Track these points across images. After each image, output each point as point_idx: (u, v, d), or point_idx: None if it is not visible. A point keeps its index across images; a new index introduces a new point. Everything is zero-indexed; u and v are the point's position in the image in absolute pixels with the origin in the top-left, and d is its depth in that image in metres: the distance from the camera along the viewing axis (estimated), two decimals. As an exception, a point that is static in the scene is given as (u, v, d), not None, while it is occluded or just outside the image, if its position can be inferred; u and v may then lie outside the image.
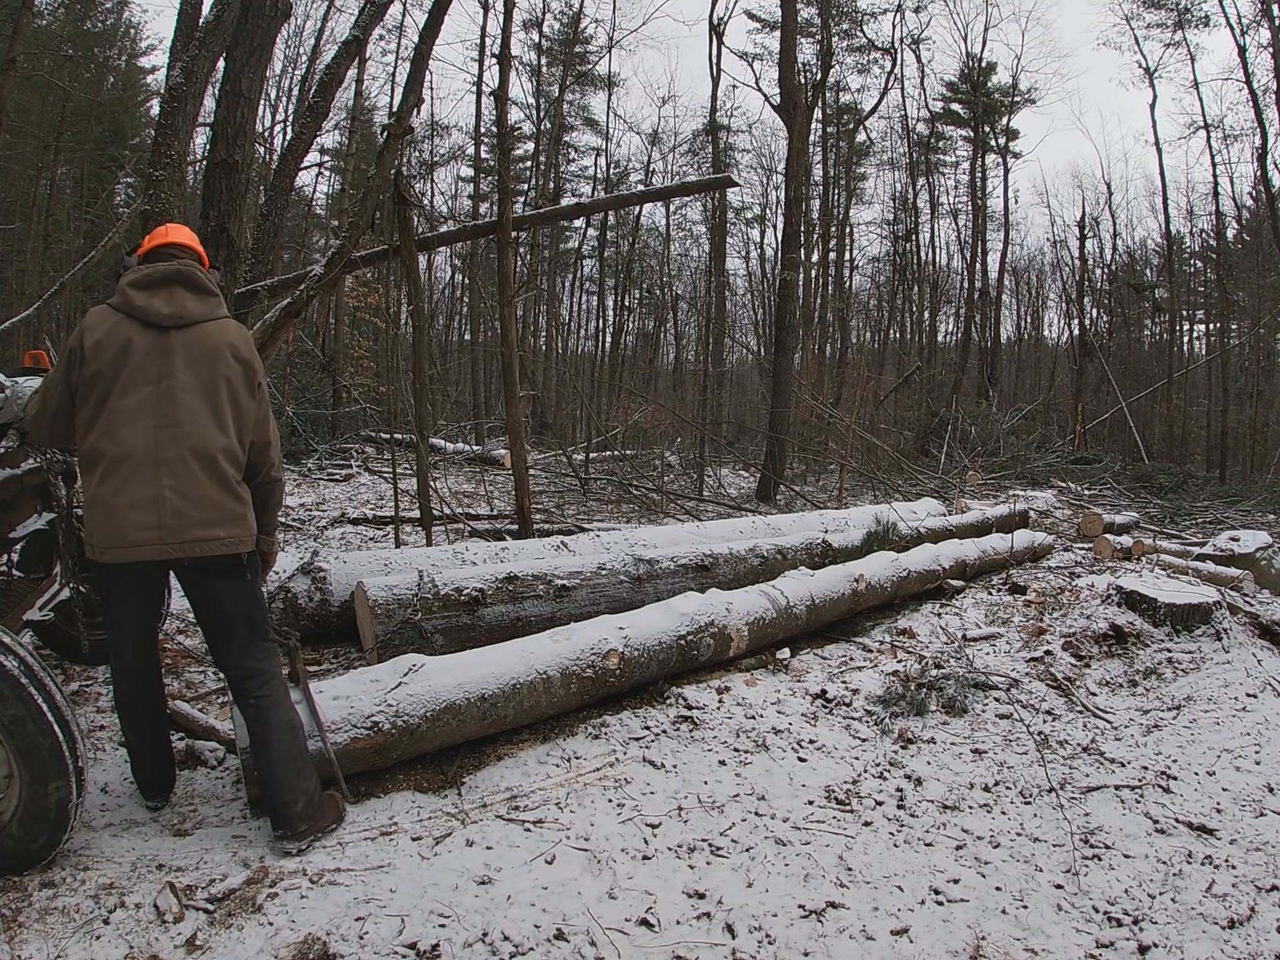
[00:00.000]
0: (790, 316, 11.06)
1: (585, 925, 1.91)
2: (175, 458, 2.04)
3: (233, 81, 4.94)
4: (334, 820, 2.26)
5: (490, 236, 6.72)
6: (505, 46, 6.06)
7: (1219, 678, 3.63)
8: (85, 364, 2.06)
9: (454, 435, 13.15)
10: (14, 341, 13.15)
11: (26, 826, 1.94)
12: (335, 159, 20.48)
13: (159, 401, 2.06)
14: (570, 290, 27.21)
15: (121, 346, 2.07)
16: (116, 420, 2.04)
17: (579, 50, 22.71)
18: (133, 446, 2.02)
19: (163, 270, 2.16)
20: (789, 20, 11.72)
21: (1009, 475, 12.26)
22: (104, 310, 2.13)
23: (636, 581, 4.06)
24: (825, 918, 2.00)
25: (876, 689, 3.47)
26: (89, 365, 2.06)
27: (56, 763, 1.94)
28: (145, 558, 2.03)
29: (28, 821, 1.94)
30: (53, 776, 1.93)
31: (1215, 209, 19.06)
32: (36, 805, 1.93)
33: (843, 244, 24.22)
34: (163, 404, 2.06)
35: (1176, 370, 19.33)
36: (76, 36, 16.02)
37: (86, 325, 2.10)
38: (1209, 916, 2.04)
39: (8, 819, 1.94)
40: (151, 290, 2.13)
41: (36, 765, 1.92)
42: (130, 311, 2.10)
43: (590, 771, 2.68)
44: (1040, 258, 27.15)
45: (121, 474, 2.01)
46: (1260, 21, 15.91)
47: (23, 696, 1.90)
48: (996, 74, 23.35)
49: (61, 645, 3.30)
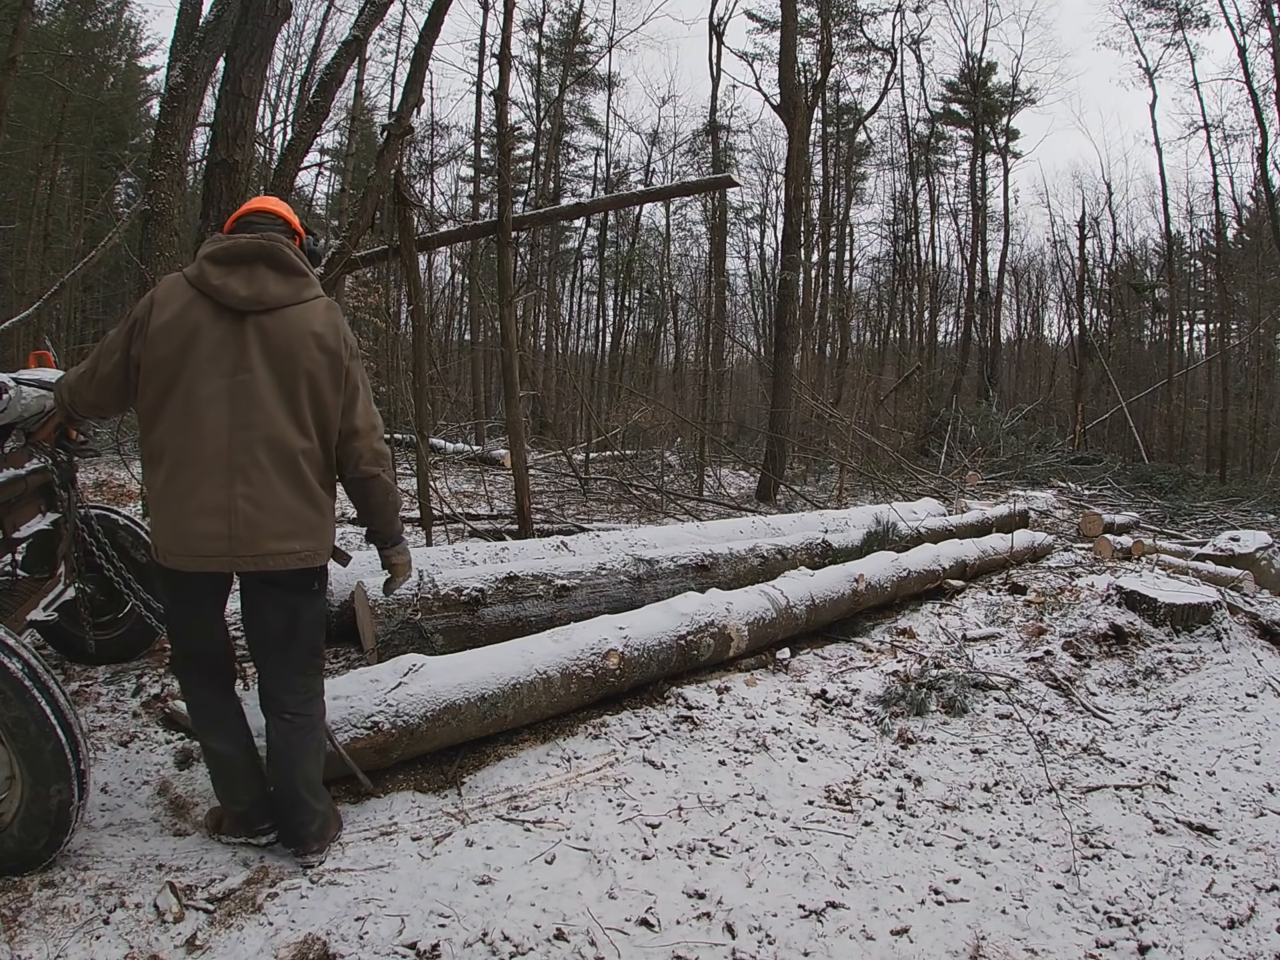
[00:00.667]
0: (790, 316, 11.07)
1: (585, 925, 1.91)
2: (250, 463, 1.85)
3: (233, 81, 4.93)
4: (338, 829, 2.24)
5: (490, 236, 6.72)
6: (505, 46, 6.06)
7: (1219, 678, 3.63)
8: (149, 345, 1.87)
9: (454, 435, 13.15)
10: (14, 341, 13.15)
11: (28, 828, 1.94)
12: (335, 159, 20.50)
13: (233, 398, 1.86)
14: (570, 290, 27.21)
15: (191, 331, 1.86)
16: (186, 415, 1.85)
17: (579, 50, 22.72)
18: (204, 447, 1.84)
19: (245, 244, 1.91)
20: (789, 20, 11.72)
21: (1009, 475, 12.26)
22: (177, 281, 1.93)
23: (636, 581, 4.06)
24: (825, 918, 2.00)
25: (876, 689, 3.47)
26: (153, 349, 1.86)
27: (59, 766, 1.93)
28: (212, 569, 1.90)
29: (29, 823, 1.94)
30: (55, 779, 1.93)
31: (1215, 209, 19.08)
32: (38, 807, 1.93)
33: (843, 244, 24.22)
34: (237, 401, 1.86)
35: (1176, 370, 19.32)
36: (76, 36, 16.02)
37: (156, 298, 1.90)
38: (1209, 916, 2.04)
39: (9, 820, 1.94)
40: (230, 267, 1.90)
41: (39, 768, 1.92)
42: (204, 289, 1.88)
43: (590, 771, 2.68)
44: (1040, 258, 27.16)
45: (189, 477, 1.85)
46: (1260, 21, 15.92)
47: (26, 699, 1.89)
48: (996, 74, 23.39)
49: (66, 645, 3.30)
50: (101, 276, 17.00)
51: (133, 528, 3.33)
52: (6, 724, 1.89)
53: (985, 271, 23.45)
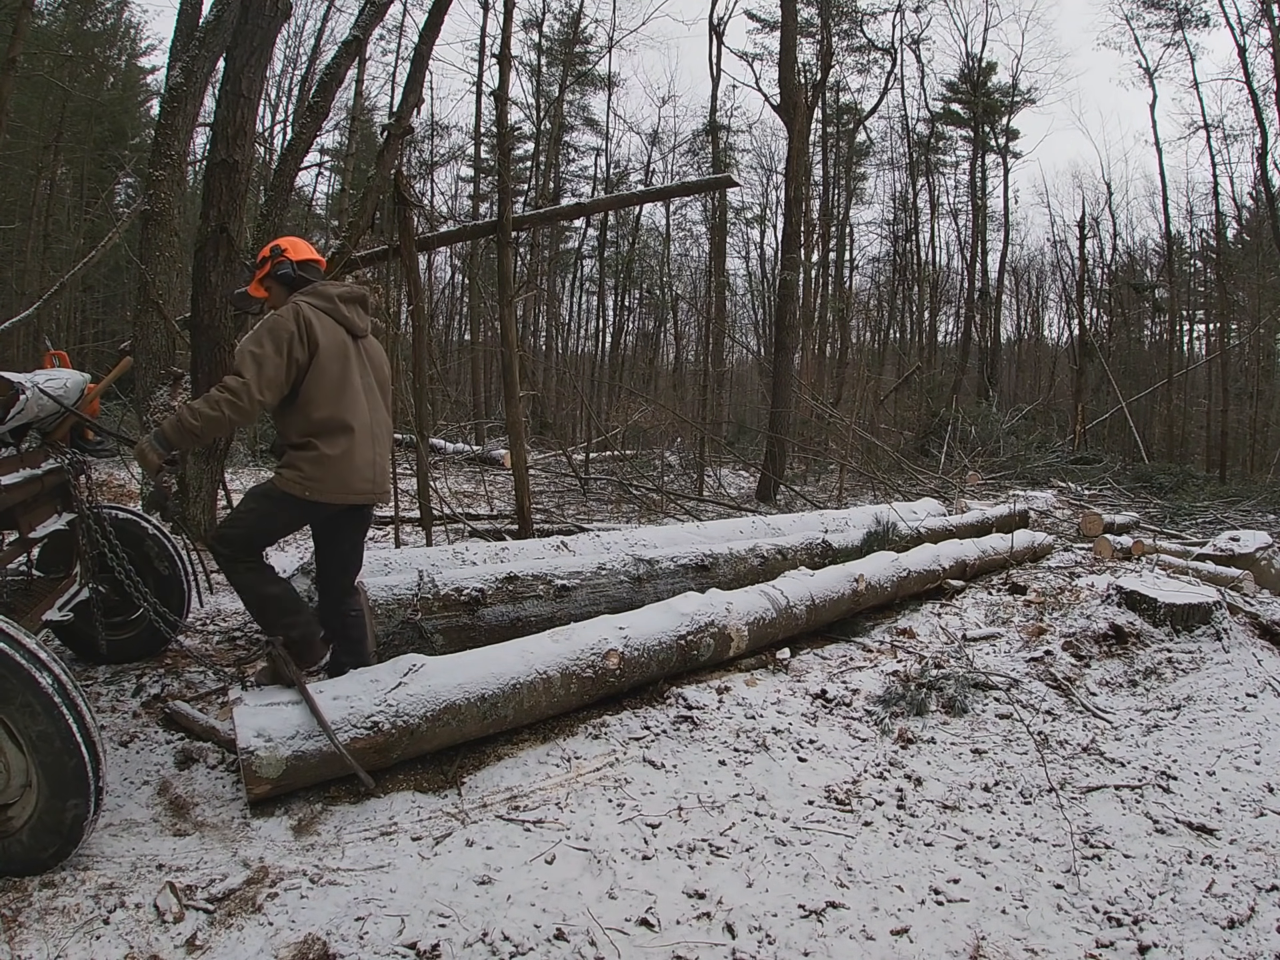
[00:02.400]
0: (790, 316, 11.07)
1: (585, 925, 1.91)
2: (381, 435, 2.84)
3: (233, 81, 4.92)
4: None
5: (490, 236, 6.72)
6: (505, 46, 6.06)
7: (1219, 678, 3.63)
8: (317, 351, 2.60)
9: (454, 435, 13.15)
10: (14, 341, 13.16)
11: (38, 837, 1.96)
12: (335, 159, 20.51)
13: (369, 391, 2.79)
14: (570, 290, 27.21)
15: (341, 343, 2.70)
16: (350, 400, 2.68)
17: (579, 50, 22.71)
18: (361, 422, 2.70)
19: (353, 291, 2.82)
20: (789, 20, 11.72)
21: (1009, 475, 12.26)
22: (314, 310, 2.65)
23: (636, 581, 4.05)
24: (825, 918, 2.00)
25: (876, 689, 3.47)
26: (322, 353, 2.61)
27: (79, 782, 1.96)
28: (362, 502, 2.78)
29: (40, 832, 1.96)
30: (73, 794, 1.96)
31: (1215, 209, 19.07)
32: (51, 819, 1.95)
33: (843, 244, 24.20)
34: (370, 394, 2.80)
35: (1176, 370, 19.32)
36: (76, 36, 16.03)
37: (306, 318, 2.59)
38: (1209, 916, 2.04)
39: (18, 827, 1.96)
40: (349, 305, 2.77)
41: (58, 781, 1.94)
42: (339, 319, 2.72)
43: (590, 771, 2.68)
44: (1040, 258, 27.16)
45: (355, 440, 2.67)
46: (1260, 21, 15.91)
47: (54, 715, 1.92)
48: (996, 74, 23.37)
49: (79, 645, 3.31)
50: (101, 276, 16.99)
51: (160, 539, 3.36)
52: (31, 736, 1.92)
53: (985, 271, 23.46)
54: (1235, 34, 16.50)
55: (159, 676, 3.26)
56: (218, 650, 3.71)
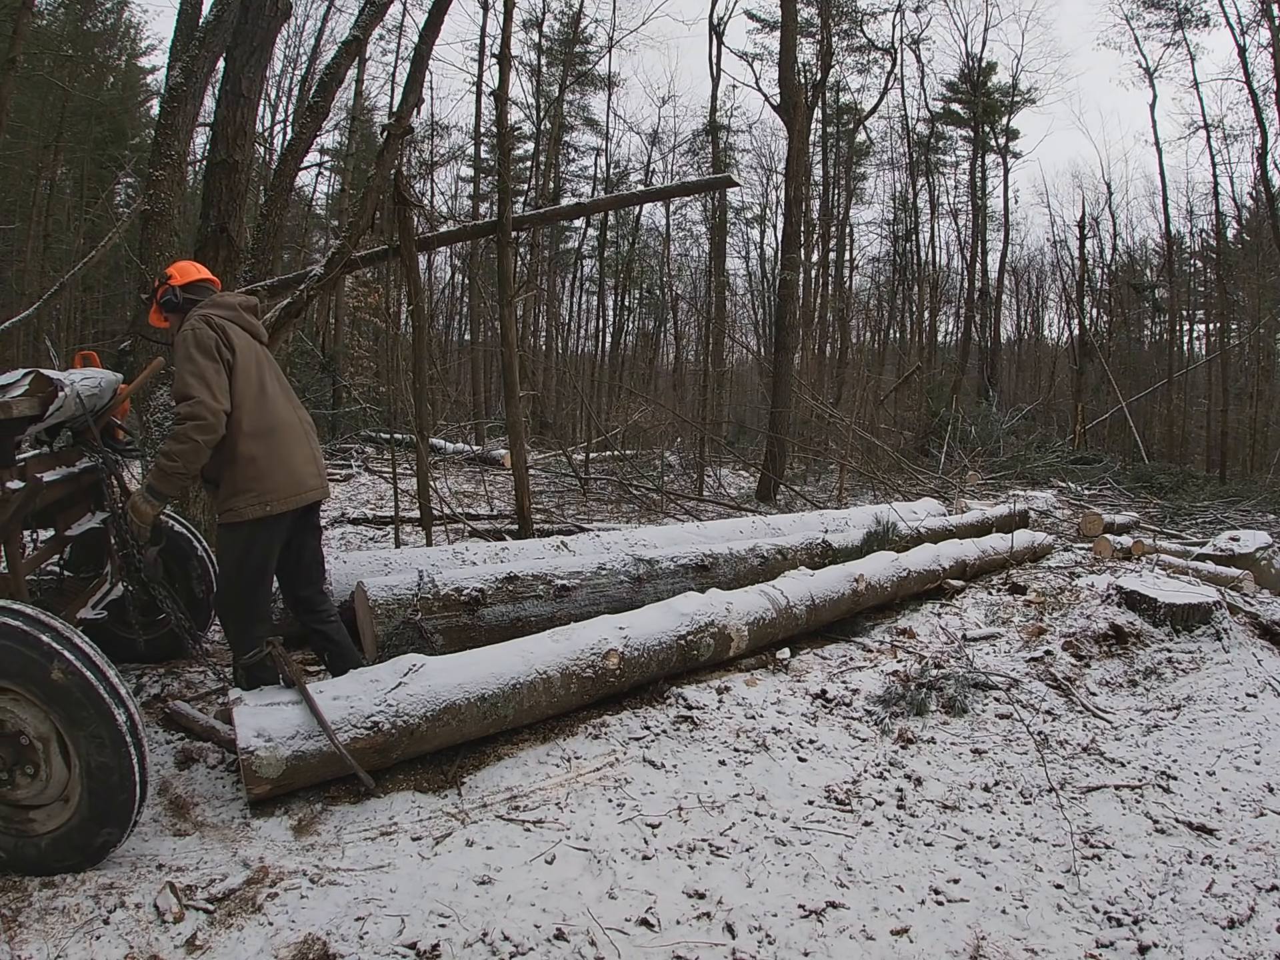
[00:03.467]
0: (790, 316, 11.06)
1: (585, 925, 1.91)
2: (310, 430, 2.86)
3: (233, 81, 4.91)
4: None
5: (490, 236, 6.71)
6: (505, 46, 6.06)
7: (1219, 678, 3.63)
8: (235, 355, 2.62)
9: (454, 435, 13.15)
10: (14, 341, 13.15)
11: (59, 849, 1.98)
12: (335, 159, 20.49)
13: (285, 392, 2.83)
14: (570, 290, 27.22)
15: (253, 348, 2.74)
16: (272, 402, 2.69)
17: (579, 50, 22.70)
18: (289, 421, 2.73)
19: (248, 300, 2.88)
20: (789, 20, 11.72)
21: (1009, 475, 12.25)
22: (222, 319, 2.67)
23: (636, 581, 4.05)
24: (825, 918, 2.00)
25: (876, 689, 3.47)
26: (240, 357, 2.63)
27: (121, 815, 1.99)
28: (317, 497, 2.79)
29: (63, 846, 1.98)
30: (112, 824, 1.98)
31: (1215, 209, 19.06)
32: (81, 839, 1.98)
33: (843, 244, 24.20)
34: (287, 394, 2.84)
35: (1176, 370, 19.31)
36: (76, 36, 16.03)
37: (219, 325, 2.62)
38: (1209, 916, 2.04)
39: (40, 833, 1.98)
40: (249, 312, 2.83)
41: (103, 810, 1.97)
42: (244, 325, 2.76)
43: (590, 771, 2.68)
44: (1040, 258, 27.16)
45: (288, 439, 2.69)
46: (1260, 21, 15.90)
47: (121, 752, 1.95)
48: (996, 74, 23.35)
49: (112, 645, 3.31)
50: (101, 276, 17.00)
51: (205, 562, 3.40)
52: (90, 765, 1.94)
53: (985, 271, 23.44)
54: (1235, 34, 16.50)
55: (159, 676, 3.26)
56: (218, 651, 3.71)
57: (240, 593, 2.68)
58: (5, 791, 1.98)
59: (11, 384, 2.44)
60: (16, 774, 1.98)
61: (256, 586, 2.70)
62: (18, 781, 1.99)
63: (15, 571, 2.45)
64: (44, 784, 1.99)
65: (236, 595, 2.69)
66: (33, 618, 1.97)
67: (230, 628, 2.75)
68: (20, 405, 2.39)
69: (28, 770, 1.99)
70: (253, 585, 2.69)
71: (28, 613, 1.98)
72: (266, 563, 2.70)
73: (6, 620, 1.94)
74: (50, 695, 1.93)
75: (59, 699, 1.93)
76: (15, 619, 1.95)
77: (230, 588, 2.70)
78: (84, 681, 1.94)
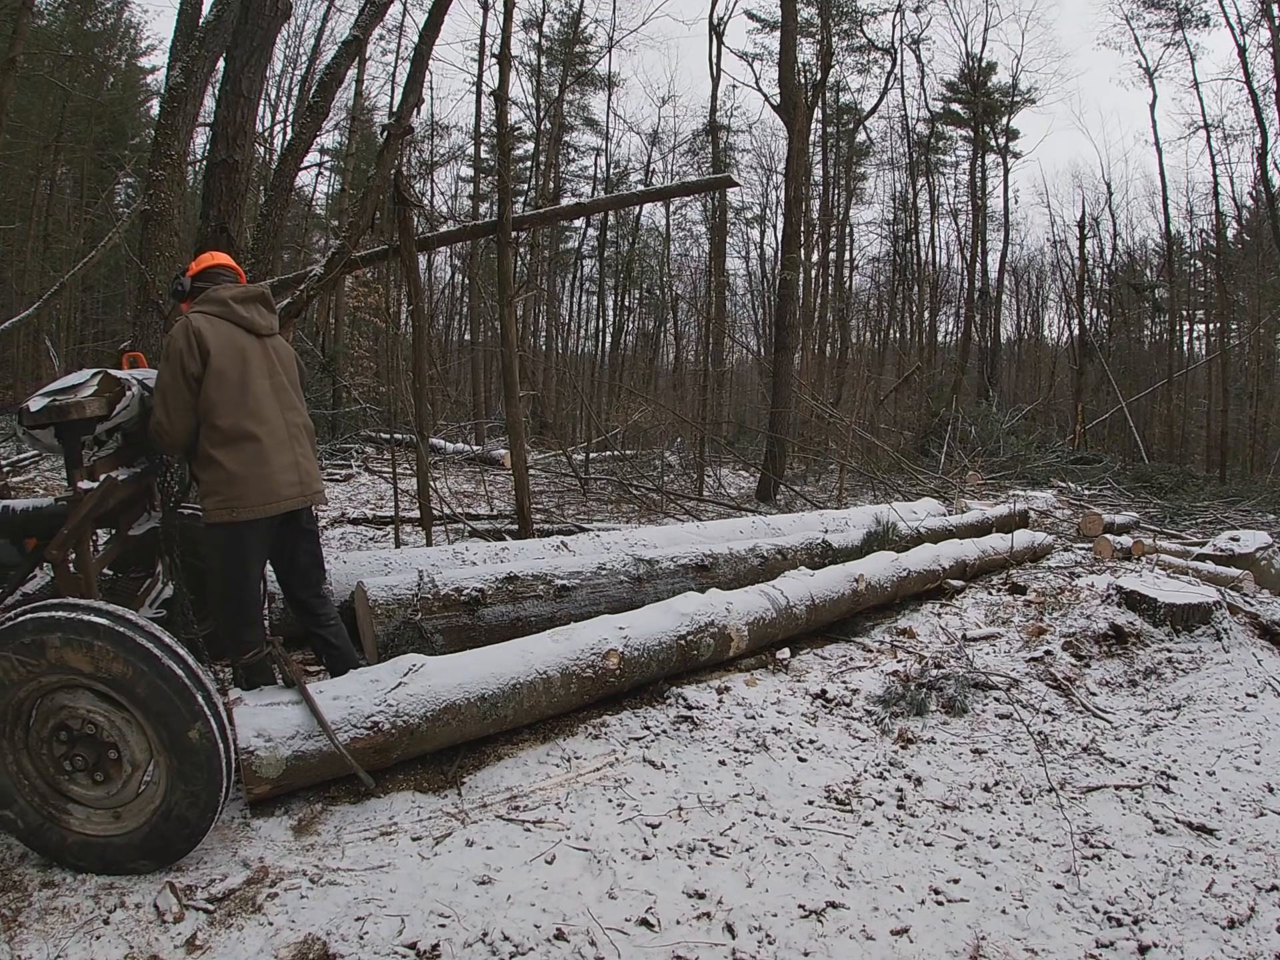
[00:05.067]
0: (790, 316, 11.05)
1: (585, 925, 1.91)
2: (300, 434, 2.74)
3: (233, 81, 4.92)
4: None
5: (490, 236, 6.71)
6: (505, 46, 6.06)
7: (1219, 678, 3.63)
8: (209, 358, 2.51)
9: (454, 435, 13.15)
10: (14, 341, 13.15)
11: (84, 853, 2.01)
12: (335, 159, 20.47)
13: (279, 391, 2.70)
14: (570, 290, 27.20)
15: (238, 346, 2.60)
16: (255, 403, 2.58)
17: (579, 50, 22.68)
18: (272, 425, 2.61)
19: (250, 290, 2.72)
20: (789, 20, 11.71)
21: (1009, 475, 12.25)
22: (205, 317, 2.57)
23: (636, 581, 4.05)
24: (825, 918, 2.00)
25: (876, 689, 3.47)
26: (215, 359, 2.51)
27: (165, 856, 2.03)
28: (295, 506, 2.67)
29: (89, 853, 2.01)
30: (152, 860, 2.02)
31: (1215, 209, 19.04)
32: (114, 856, 2.02)
33: (843, 244, 24.19)
34: (282, 393, 2.70)
35: (1176, 370, 19.30)
36: (76, 36, 16.02)
37: (195, 329, 2.51)
38: (1209, 916, 2.04)
39: (73, 829, 2.00)
40: (247, 305, 2.68)
41: (154, 847, 2.01)
42: (235, 320, 2.62)
43: (590, 771, 2.68)
44: (1040, 258, 27.11)
45: (266, 444, 2.59)
46: (1260, 21, 15.90)
47: (206, 815, 2.02)
48: (996, 74, 23.31)
49: None
50: (101, 276, 16.99)
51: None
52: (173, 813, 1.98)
53: (985, 271, 23.42)
54: (1235, 34, 16.50)
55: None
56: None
57: (224, 592, 2.66)
58: (63, 780, 2.01)
59: (81, 384, 2.46)
60: (83, 775, 2.01)
61: (239, 588, 2.65)
62: (79, 780, 2.01)
63: (86, 571, 2.44)
64: (105, 795, 2.01)
65: (220, 595, 2.67)
66: (194, 672, 2.02)
67: (220, 628, 2.74)
68: (91, 405, 2.41)
69: (98, 778, 2.01)
70: (236, 586, 2.65)
71: (190, 663, 2.02)
72: (245, 566, 2.64)
73: (172, 665, 1.97)
74: (175, 746, 1.97)
75: (181, 752, 1.97)
76: (180, 666, 1.99)
77: (214, 587, 2.70)
78: (213, 748, 1.99)
